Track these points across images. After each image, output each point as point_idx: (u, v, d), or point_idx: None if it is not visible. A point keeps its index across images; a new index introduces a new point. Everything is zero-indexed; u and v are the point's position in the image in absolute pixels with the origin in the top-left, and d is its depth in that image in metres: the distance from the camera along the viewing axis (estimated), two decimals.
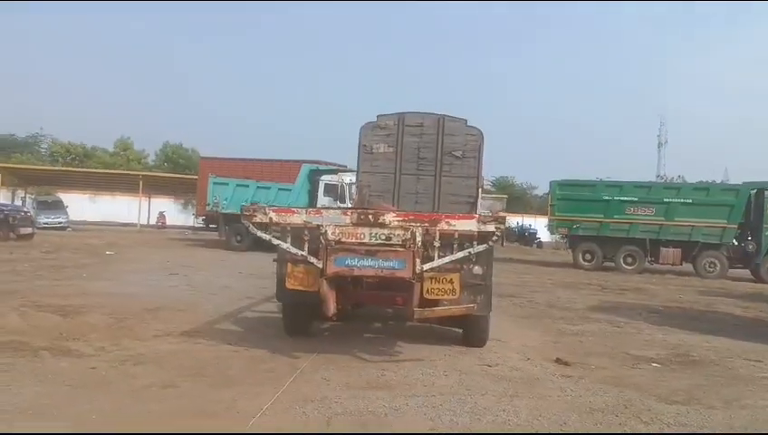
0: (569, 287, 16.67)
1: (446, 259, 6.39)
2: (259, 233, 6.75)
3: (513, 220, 47.44)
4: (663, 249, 22.65)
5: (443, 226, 6.27)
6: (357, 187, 10.71)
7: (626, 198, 23.09)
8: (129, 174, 46.44)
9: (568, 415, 5.29)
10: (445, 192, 10.02)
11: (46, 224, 33.04)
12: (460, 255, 6.41)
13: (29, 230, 24.77)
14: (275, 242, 6.71)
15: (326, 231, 6.27)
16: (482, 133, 9.99)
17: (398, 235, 6.25)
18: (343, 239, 6.30)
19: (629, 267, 22.86)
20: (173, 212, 49.06)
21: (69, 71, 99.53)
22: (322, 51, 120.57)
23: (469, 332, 7.82)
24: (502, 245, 6.90)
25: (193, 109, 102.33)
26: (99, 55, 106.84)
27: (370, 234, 6.28)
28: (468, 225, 6.29)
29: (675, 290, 17.33)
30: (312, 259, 6.41)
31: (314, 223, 6.41)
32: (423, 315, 6.71)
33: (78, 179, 47.13)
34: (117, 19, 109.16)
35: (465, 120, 10.07)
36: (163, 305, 9.94)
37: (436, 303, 6.72)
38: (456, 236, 6.36)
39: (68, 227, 35.38)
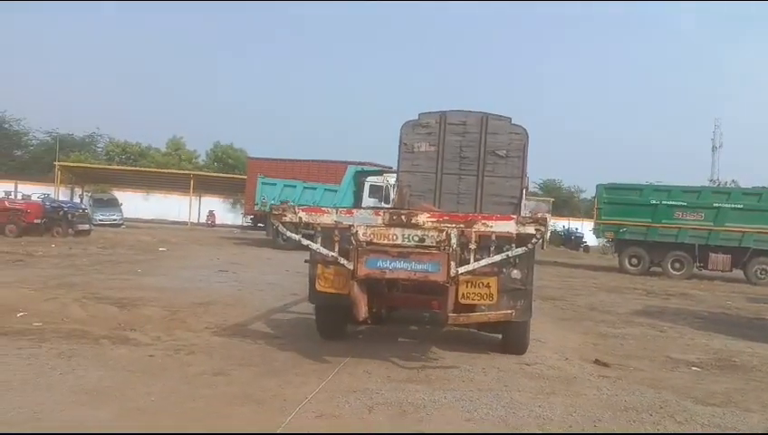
0: (613, 291, 16.57)
1: (483, 262, 6.13)
2: (288, 233, 6.64)
3: (560, 224, 47.00)
4: (712, 255, 22.22)
5: (479, 227, 6.01)
6: (397, 186, 10.46)
7: (674, 203, 22.73)
8: (180, 173, 47.61)
9: (602, 412, 5.43)
10: (487, 193, 9.77)
11: (102, 221, 34.18)
12: (498, 258, 6.13)
13: (86, 227, 25.83)
14: (305, 242, 6.56)
15: (357, 232, 6.09)
16: (526, 132, 9.75)
17: (432, 236, 6.02)
18: (375, 240, 6.11)
19: (677, 273, 22.49)
20: (222, 211, 50.11)
21: (126, 72, 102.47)
22: (369, 54, 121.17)
23: (508, 338, 7.47)
24: (543, 248, 6.54)
25: (243, 110, 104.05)
26: (153, 57, 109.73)
27: (403, 235, 6.07)
28: (506, 226, 5.99)
29: (722, 296, 17.05)
30: (343, 261, 6.24)
31: (345, 223, 6.24)
32: (458, 321, 6.51)
33: (132, 178, 48.54)
34: (171, 22, 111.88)
35: (510, 119, 9.83)
36: (213, 300, 10.37)
37: (472, 308, 6.48)
38: (494, 238, 6.12)
39: (122, 224, 36.54)
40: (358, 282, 6.12)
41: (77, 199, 40.33)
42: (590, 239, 39.75)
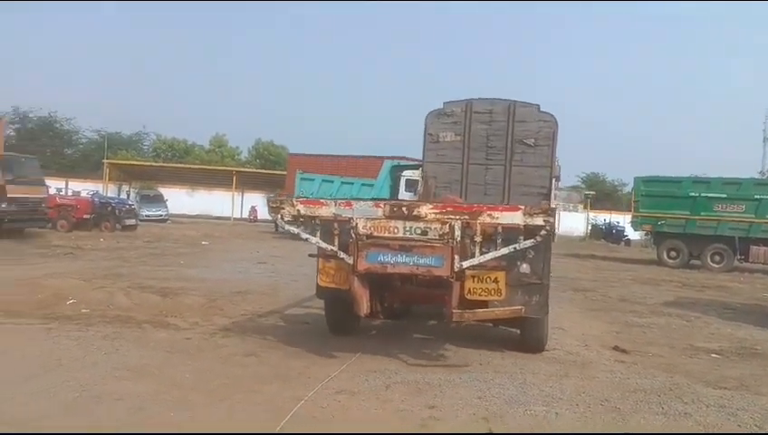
0: (647, 283, 16.54)
1: (489, 256, 5.84)
2: (287, 227, 6.42)
3: (600, 217, 46.55)
4: (753, 247, 21.83)
5: (485, 218, 5.72)
6: (421, 177, 10.08)
7: (714, 195, 22.38)
8: (223, 170, 48.65)
9: (611, 393, 5.67)
10: (515, 183, 9.46)
11: (148, 216, 35.21)
12: (504, 251, 5.84)
13: (133, 222, 26.77)
14: (304, 236, 6.35)
15: (357, 224, 5.89)
16: (556, 119, 9.37)
17: (435, 228, 5.77)
18: (375, 233, 5.90)
19: (717, 266, 22.18)
20: (263, 206, 50.95)
21: (171, 71, 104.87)
22: (406, 50, 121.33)
23: (525, 334, 7.09)
24: (553, 240, 6.98)
25: (284, 107, 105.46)
26: (197, 57, 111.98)
27: (405, 227, 5.84)
28: (513, 217, 5.67)
29: (761, 289, 16.83)
30: (343, 255, 6.07)
31: (344, 215, 6.01)
32: (463, 318, 6.21)
33: (177, 175, 49.82)
34: (215, 23, 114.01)
35: (538, 106, 9.49)
36: (250, 289, 10.85)
37: (479, 304, 6.19)
38: (500, 229, 5.81)
39: (168, 219, 37.57)
40: (358, 277, 5.95)
41: (124, 196, 41.56)
42: (632, 233, 39.28)
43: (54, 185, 28.11)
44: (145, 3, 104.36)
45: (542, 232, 5.71)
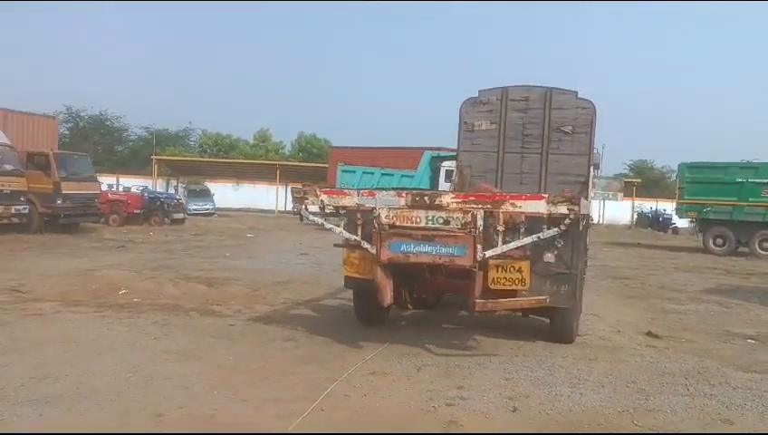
0: (690, 271, 16.36)
1: (512, 245, 5.81)
2: (311, 217, 6.46)
3: (647, 205, 45.75)
4: None
5: (507, 207, 5.66)
6: (456, 167, 10.03)
7: (762, 180, 21.89)
8: (267, 163, 49.43)
9: (638, 375, 5.80)
10: (552, 171, 9.33)
11: (195, 210, 36.12)
12: (528, 240, 5.79)
13: (180, 216, 27.60)
14: (327, 227, 6.47)
15: (379, 214, 5.90)
16: (594, 106, 9.21)
17: (457, 218, 5.73)
18: (398, 223, 5.89)
19: (765, 253, 21.67)
20: None
21: (216, 68, 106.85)
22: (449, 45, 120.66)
23: (554, 324, 7.03)
24: (579, 229, 6.12)
25: (327, 100, 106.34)
26: (241, 54, 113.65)
27: (426, 217, 5.82)
28: (536, 206, 5.61)
29: None
30: (366, 244, 6.11)
31: (367, 205, 6.03)
32: (486, 307, 6.17)
33: (223, 169, 50.87)
34: (258, 21, 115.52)
35: (576, 93, 9.35)
36: (292, 279, 11.22)
37: (503, 293, 6.16)
38: (523, 218, 5.80)
39: (214, 213, 38.48)
40: (381, 266, 5.99)
41: (172, 191, 42.67)
42: (680, 220, 38.49)
43: (106, 181, 29.10)
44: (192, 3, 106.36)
45: (567, 221, 5.56)
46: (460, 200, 5.78)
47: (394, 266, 6.10)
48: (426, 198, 5.86)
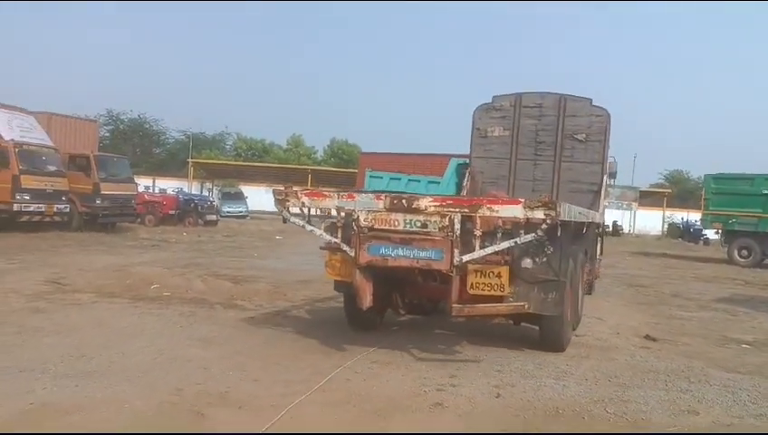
0: (709, 281, 16.50)
1: (489, 250, 5.70)
2: (292, 219, 6.45)
3: (678, 216, 45.46)
4: None
5: (484, 211, 5.57)
6: (468, 173, 10.02)
7: None
8: (299, 168, 50.49)
9: (623, 372, 6.19)
10: (565, 179, 9.36)
11: (228, 212, 37.12)
12: (506, 245, 5.68)
13: (214, 217, 28.54)
14: (309, 229, 6.46)
15: (359, 217, 5.89)
16: (608, 113, 9.17)
17: (435, 221, 5.71)
18: (377, 226, 5.88)
19: None
20: None
21: (252, 74, 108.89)
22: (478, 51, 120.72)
23: (542, 332, 6.86)
24: (557, 235, 5.81)
25: (358, 106, 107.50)
26: (277, 60, 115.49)
27: (405, 220, 5.78)
28: (512, 210, 5.52)
29: None
30: (345, 247, 6.11)
31: (347, 208, 6.04)
32: (463, 313, 6.09)
33: (256, 173, 51.97)
34: (292, 30, 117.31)
35: (590, 100, 9.33)
36: (314, 279, 11.76)
37: (484, 299, 6.06)
38: (501, 223, 5.74)
39: (247, 215, 39.42)
40: (360, 269, 5.98)
41: (206, 193, 43.78)
42: (712, 232, 38.13)
43: (143, 183, 30.19)
44: (230, 10, 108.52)
45: (543, 226, 5.42)
46: (438, 204, 5.73)
47: (376, 270, 6.08)
48: (403, 200, 5.82)
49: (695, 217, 44.93)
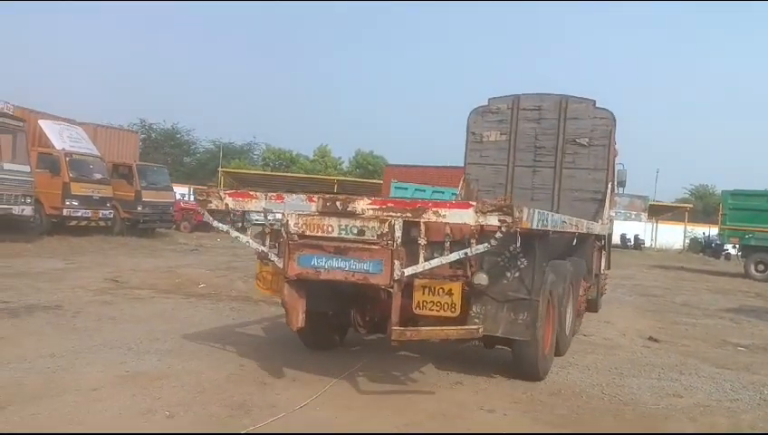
0: (721, 293, 17.08)
1: (435, 262, 4.94)
2: (215, 223, 5.75)
3: (699, 230, 45.69)
4: None
5: (429, 216, 4.76)
6: (462, 180, 9.36)
7: None
8: (326, 179, 51.55)
9: (622, 365, 7.02)
10: (566, 187, 8.83)
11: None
12: (454, 256, 4.90)
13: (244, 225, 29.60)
14: (233, 234, 5.73)
15: (288, 221, 5.11)
16: (613, 116, 8.66)
17: (373, 228, 4.89)
18: (308, 232, 5.07)
19: None
20: None
21: (281, 86, 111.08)
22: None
23: (515, 358, 5.99)
24: (534, 246, 5.44)
25: (384, 118, 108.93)
26: (304, 72, 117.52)
27: (339, 226, 4.98)
28: (461, 215, 4.68)
29: None
30: (273, 257, 5.37)
31: (275, 211, 5.37)
32: (405, 336, 5.11)
33: (283, 183, 53.17)
34: (319, 44, 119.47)
35: (593, 102, 8.79)
36: None
37: (432, 320, 5.35)
38: (449, 230, 4.92)
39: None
40: (290, 283, 5.15)
41: None
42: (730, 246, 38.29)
43: (179, 191, 31.43)
44: (261, 26, 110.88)
45: (497, 234, 4.63)
46: (376, 207, 4.93)
47: (314, 284, 5.21)
48: (338, 202, 5.03)
49: (716, 231, 45.22)
